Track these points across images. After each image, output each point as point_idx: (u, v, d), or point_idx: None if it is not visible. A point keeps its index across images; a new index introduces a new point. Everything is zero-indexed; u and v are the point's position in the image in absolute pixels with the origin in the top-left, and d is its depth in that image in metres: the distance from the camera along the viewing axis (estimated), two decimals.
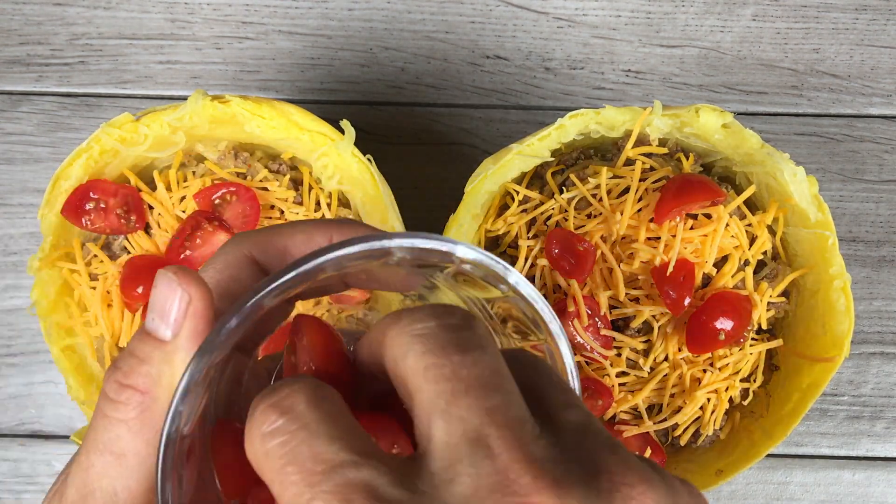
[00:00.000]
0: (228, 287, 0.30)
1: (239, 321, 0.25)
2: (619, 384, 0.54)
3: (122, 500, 0.28)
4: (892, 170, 0.65)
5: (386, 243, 0.27)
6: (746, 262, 0.54)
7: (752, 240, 0.53)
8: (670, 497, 0.21)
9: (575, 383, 0.30)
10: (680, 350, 0.53)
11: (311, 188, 0.54)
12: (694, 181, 0.52)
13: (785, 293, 0.55)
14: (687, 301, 0.51)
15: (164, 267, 0.28)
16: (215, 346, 0.25)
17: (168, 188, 0.53)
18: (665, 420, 0.55)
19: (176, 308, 0.27)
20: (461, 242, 0.27)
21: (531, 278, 0.54)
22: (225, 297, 0.30)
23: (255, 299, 0.25)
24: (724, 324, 0.51)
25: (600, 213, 0.52)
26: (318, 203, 0.54)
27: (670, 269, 0.51)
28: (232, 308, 0.25)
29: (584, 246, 0.52)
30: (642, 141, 0.54)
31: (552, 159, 0.55)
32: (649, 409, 0.55)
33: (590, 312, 0.52)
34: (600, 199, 0.52)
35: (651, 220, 0.52)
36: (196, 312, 0.27)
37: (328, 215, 0.54)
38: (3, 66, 0.64)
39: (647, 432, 0.54)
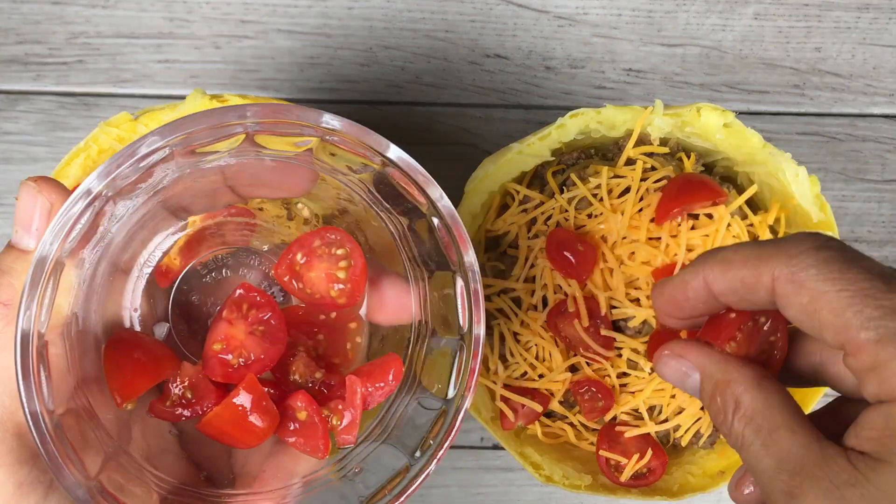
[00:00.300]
0: None
1: (71, 204, 0.25)
2: (620, 385, 0.53)
3: None
4: (895, 169, 0.65)
5: (235, 116, 0.26)
6: None
7: (754, 240, 0.53)
8: None
9: (468, 251, 0.30)
10: None
11: None
12: (695, 181, 0.51)
13: None
14: None
15: (28, 177, 0.28)
16: (54, 233, 0.25)
17: None
18: (666, 421, 0.54)
19: (37, 216, 0.27)
20: (326, 112, 0.27)
21: (531, 278, 0.54)
22: None
23: (85, 183, 0.25)
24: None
25: (601, 213, 0.52)
26: None
27: (676, 271, 0.51)
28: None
29: (586, 246, 0.51)
30: (643, 140, 0.53)
31: (552, 159, 0.54)
32: (650, 409, 0.55)
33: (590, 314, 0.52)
34: (601, 199, 0.52)
35: (651, 221, 0.52)
36: None
37: None
38: (0, 65, 0.64)
39: (649, 433, 0.54)
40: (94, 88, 0.64)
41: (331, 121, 0.27)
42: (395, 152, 0.29)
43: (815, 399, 0.52)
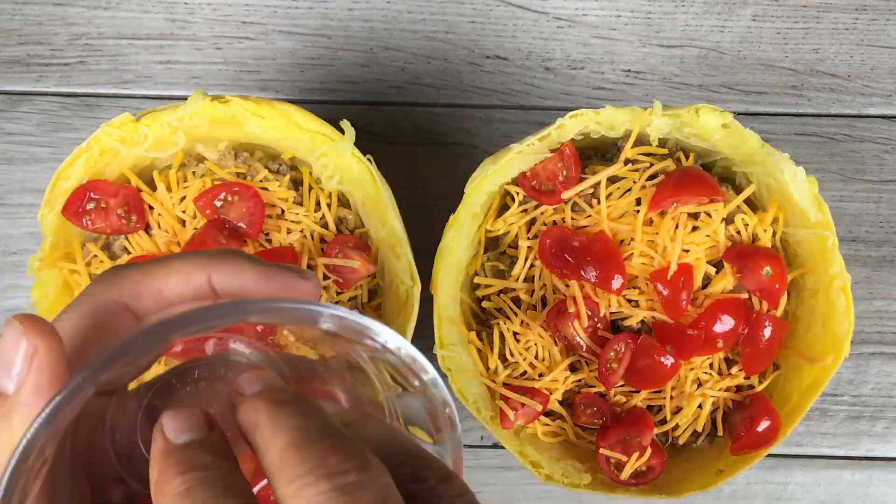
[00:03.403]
0: (92, 335, 0.28)
1: (63, 402, 0.24)
2: (619, 385, 0.54)
3: None
4: (892, 170, 0.65)
5: (241, 315, 0.26)
6: None
7: (753, 240, 0.53)
8: None
9: (454, 430, 0.29)
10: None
11: (311, 188, 0.54)
12: (693, 174, 0.51)
13: (785, 293, 0.55)
14: (685, 302, 0.51)
15: (14, 315, 0.26)
16: (41, 434, 0.23)
17: (168, 188, 0.53)
18: (665, 422, 0.55)
19: (20, 360, 0.25)
20: (327, 308, 0.26)
21: (531, 278, 0.54)
22: (89, 346, 0.28)
23: (77, 382, 0.24)
24: (723, 328, 0.51)
25: (598, 213, 0.52)
26: (318, 203, 0.54)
27: (670, 274, 0.51)
28: (61, 389, 0.24)
29: (583, 239, 0.52)
30: (642, 141, 0.54)
31: None
32: (649, 409, 0.55)
33: (589, 314, 0.52)
34: (599, 202, 0.52)
35: (650, 223, 0.52)
36: (41, 366, 0.25)
37: (328, 215, 0.54)
38: (3, 66, 0.64)
39: None
40: (96, 89, 0.64)
41: (330, 321, 0.27)
42: (396, 342, 0.28)
43: (812, 398, 0.53)
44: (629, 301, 0.53)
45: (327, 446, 0.22)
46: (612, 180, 0.53)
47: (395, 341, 0.27)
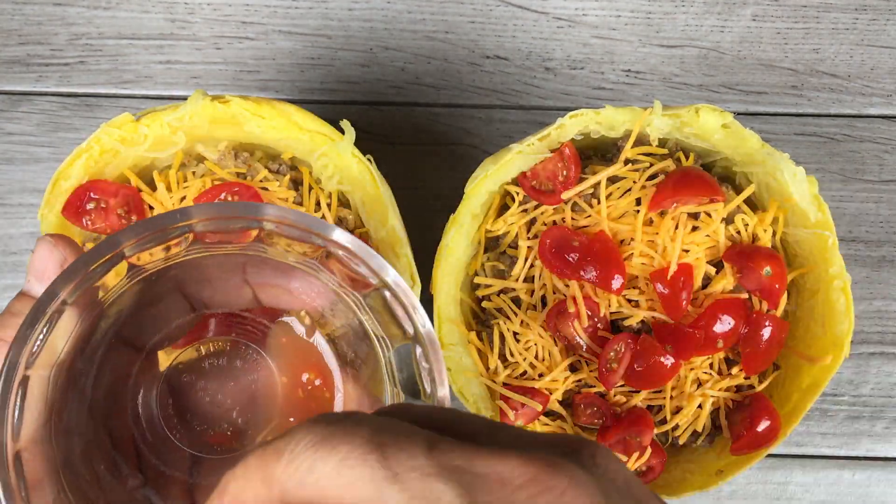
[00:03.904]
0: None
1: (85, 261, 0.26)
2: (619, 385, 0.54)
3: None
4: (893, 170, 0.65)
5: (256, 213, 0.28)
6: None
7: (753, 240, 0.53)
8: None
9: (444, 385, 0.31)
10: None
11: (311, 188, 0.54)
12: (692, 174, 0.52)
13: (785, 293, 0.55)
14: (685, 302, 0.51)
15: (46, 234, 0.30)
16: (64, 279, 0.26)
17: (168, 188, 0.53)
18: (665, 422, 0.55)
19: (51, 269, 0.29)
20: (338, 228, 0.28)
21: (531, 278, 0.54)
22: None
23: (96, 247, 0.27)
24: (723, 328, 0.51)
25: (598, 213, 0.52)
26: (318, 203, 0.54)
27: (670, 274, 0.51)
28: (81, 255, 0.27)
29: (583, 239, 0.52)
30: (642, 141, 0.54)
31: None
32: (649, 409, 0.55)
33: (589, 314, 0.52)
34: (599, 202, 0.52)
35: (650, 223, 0.52)
36: None
37: (328, 215, 0.54)
38: (2, 66, 0.64)
39: None
40: (96, 89, 0.64)
41: (340, 237, 0.29)
42: (392, 276, 0.30)
43: (812, 398, 0.53)
44: (629, 301, 0.53)
45: None
46: (612, 180, 0.53)
47: (393, 275, 0.30)
